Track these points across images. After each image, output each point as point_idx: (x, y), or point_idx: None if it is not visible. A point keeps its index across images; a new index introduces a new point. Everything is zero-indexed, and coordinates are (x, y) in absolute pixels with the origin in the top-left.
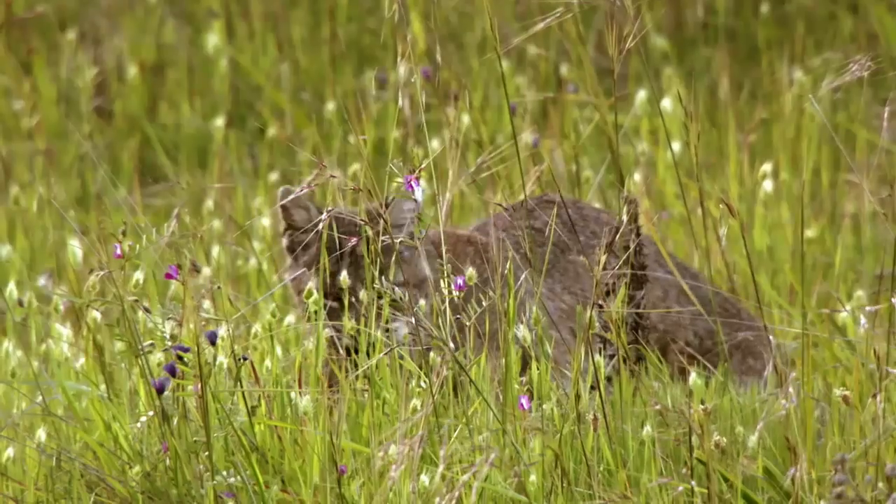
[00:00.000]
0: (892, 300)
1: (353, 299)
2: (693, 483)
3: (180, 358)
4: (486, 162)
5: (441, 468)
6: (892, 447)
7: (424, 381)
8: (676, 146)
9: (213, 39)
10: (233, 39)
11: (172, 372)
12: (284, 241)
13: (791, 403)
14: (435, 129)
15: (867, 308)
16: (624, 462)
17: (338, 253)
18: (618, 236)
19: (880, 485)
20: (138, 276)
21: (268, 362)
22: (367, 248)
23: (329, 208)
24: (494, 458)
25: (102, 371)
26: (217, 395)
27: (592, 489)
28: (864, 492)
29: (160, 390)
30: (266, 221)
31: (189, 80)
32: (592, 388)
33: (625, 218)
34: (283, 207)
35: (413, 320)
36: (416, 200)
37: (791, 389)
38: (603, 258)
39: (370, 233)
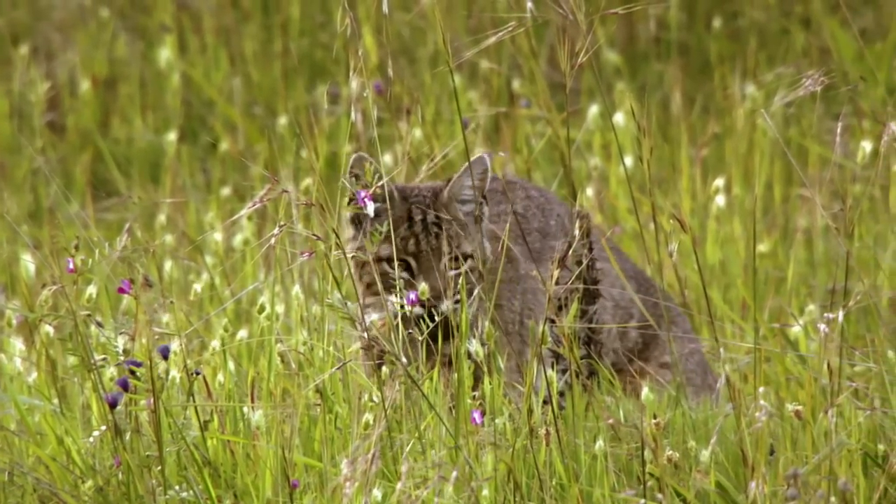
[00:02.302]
0: (840, 315)
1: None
2: (646, 498)
3: (133, 372)
4: (432, 167)
5: (401, 485)
6: (844, 462)
7: (377, 396)
8: (629, 161)
9: (166, 54)
10: (185, 54)
11: (125, 386)
12: (349, 212)
13: (763, 417)
14: (387, 143)
15: (826, 315)
16: (576, 476)
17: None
18: (570, 251)
19: (833, 499)
20: (91, 290)
21: (220, 377)
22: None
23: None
24: (454, 477)
25: (55, 385)
26: (170, 410)
27: (545, 503)
28: None
29: (113, 405)
30: (218, 236)
31: (141, 95)
32: (545, 402)
33: (577, 233)
34: (354, 175)
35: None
36: (485, 167)
37: (762, 403)
38: (556, 273)
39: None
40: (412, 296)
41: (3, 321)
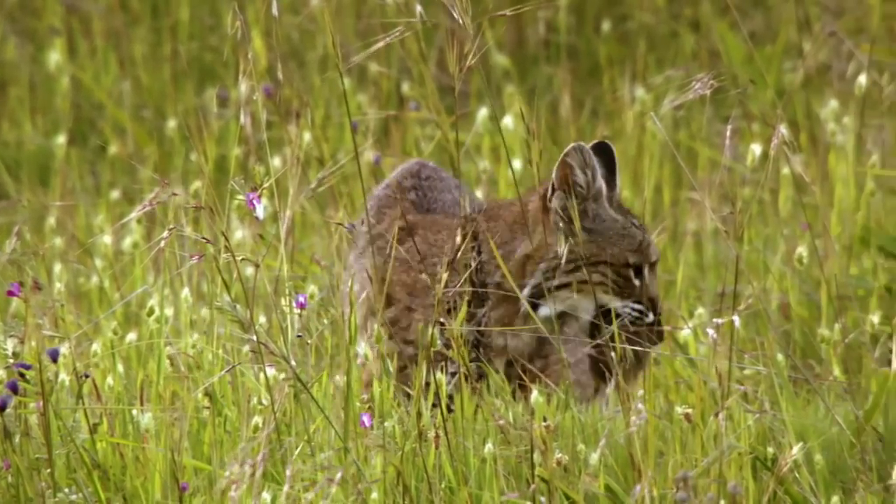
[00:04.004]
0: (734, 318)
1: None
2: (535, 501)
3: (22, 375)
4: (326, 179)
5: (287, 487)
6: (733, 465)
7: (266, 399)
8: (518, 164)
9: (55, 57)
10: (74, 57)
11: (14, 389)
12: (555, 202)
13: (641, 421)
14: (276, 146)
15: (715, 320)
16: (466, 479)
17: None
18: (459, 254)
19: (722, 502)
20: None
21: (110, 380)
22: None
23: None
24: (339, 478)
25: None
26: (59, 413)
27: None
28: None
29: (2, 408)
30: (108, 239)
31: (30, 98)
32: (434, 405)
33: (465, 236)
34: (565, 163)
35: (255, 338)
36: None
37: (641, 406)
38: (444, 276)
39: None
40: (635, 304)
41: None
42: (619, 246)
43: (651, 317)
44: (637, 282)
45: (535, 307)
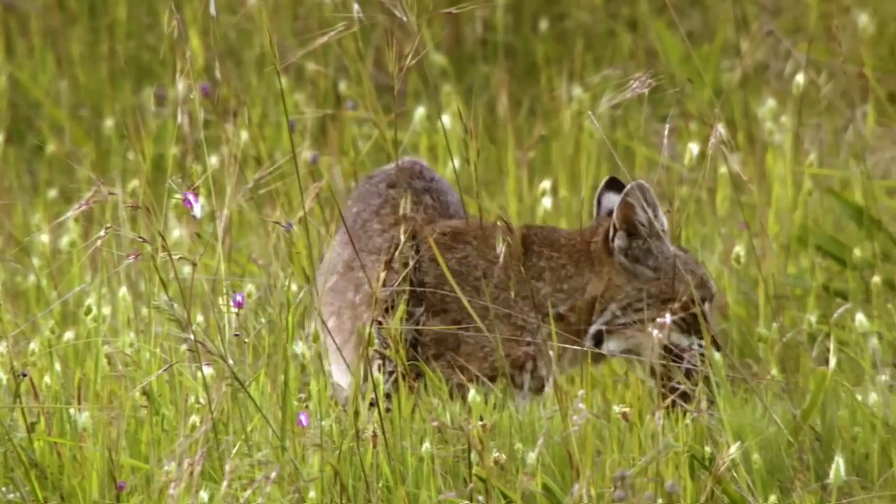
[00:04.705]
0: (666, 318)
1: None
2: (472, 501)
3: None
4: (264, 178)
5: (225, 484)
6: (671, 464)
7: (203, 397)
8: (456, 163)
9: None
10: (12, 56)
11: None
12: (618, 242)
13: (581, 420)
14: (214, 145)
15: (658, 320)
16: (403, 478)
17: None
18: (397, 253)
19: (660, 501)
20: None
21: (47, 378)
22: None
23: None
24: (275, 475)
25: None
26: None
27: None
28: None
29: None
30: (45, 238)
31: None
32: (371, 404)
33: (403, 236)
34: (626, 202)
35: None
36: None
37: (581, 405)
38: (383, 275)
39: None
40: (701, 340)
41: None
42: (684, 282)
43: (716, 353)
44: (703, 318)
45: (597, 344)
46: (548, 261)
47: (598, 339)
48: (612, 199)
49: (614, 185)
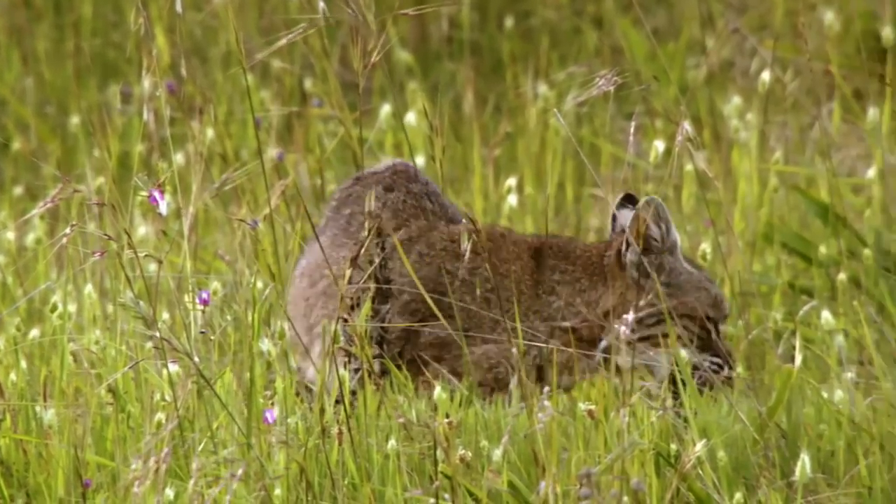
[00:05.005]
0: (630, 316)
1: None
2: (438, 498)
3: None
4: (230, 176)
5: (192, 482)
6: (636, 461)
7: (169, 395)
8: (421, 160)
9: None
10: None
11: None
12: (630, 257)
13: (546, 417)
14: (179, 142)
15: (625, 316)
16: (369, 475)
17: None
18: (362, 250)
19: (626, 499)
20: None
21: (13, 376)
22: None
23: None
24: (241, 472)
25: None
26: None
27: (337, 502)
28: None
29: None
30: (10, 235)
31: None
32: (337, 401)
33: (368, 233)
34: (639, 218)
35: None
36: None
37: (546, 403)
38: (348, 272)
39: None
40: (713, 357)
41: None
42: (696, 299)
43: (727, 370)
44: (714, 335)
45: (608, 359)
46: (562, 274)
47: (610, 354)
48: (627, 216)
49: (629, 200)
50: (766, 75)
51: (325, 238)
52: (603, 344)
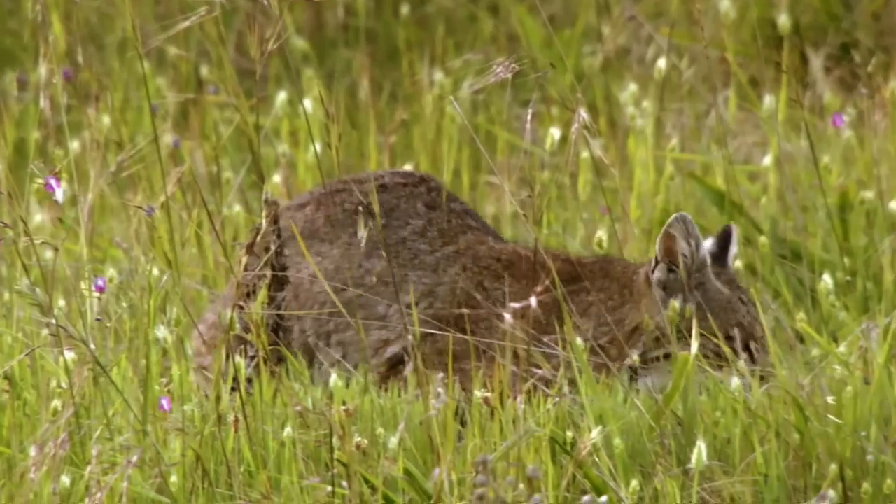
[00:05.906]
0: (531, 300)
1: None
2: (334, 485)
3: None
4: (126, 162)
5: (89, 469)
6: (532, 448)
7: (65, 382)
8: (317, 147)
9: None
10: None
11: None
12: (656, 274)
13: (440, 404)
14: (75, 129)
15: (512, 305)
16: (265, 463)
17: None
18: (259, 237)
19: (521, 486)
20: None
21: None
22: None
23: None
24: (136, 459)
25: None
26: None
27: (233, 490)
28: (505, 493)
29: None
30: None
31: None
32: (233, 389)
33: (265, 221)
34: (668, 234)
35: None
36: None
37: (440, 390)
38: (244, 259)
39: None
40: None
41: None
42: (721, 319)
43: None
44: (743, 356)
45: (633, 379)
46: (598, 293)
47: (635, 373)
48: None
49: (725, 233)
50: (662, 63)
51: (334, 248)
52: (628, 361)
